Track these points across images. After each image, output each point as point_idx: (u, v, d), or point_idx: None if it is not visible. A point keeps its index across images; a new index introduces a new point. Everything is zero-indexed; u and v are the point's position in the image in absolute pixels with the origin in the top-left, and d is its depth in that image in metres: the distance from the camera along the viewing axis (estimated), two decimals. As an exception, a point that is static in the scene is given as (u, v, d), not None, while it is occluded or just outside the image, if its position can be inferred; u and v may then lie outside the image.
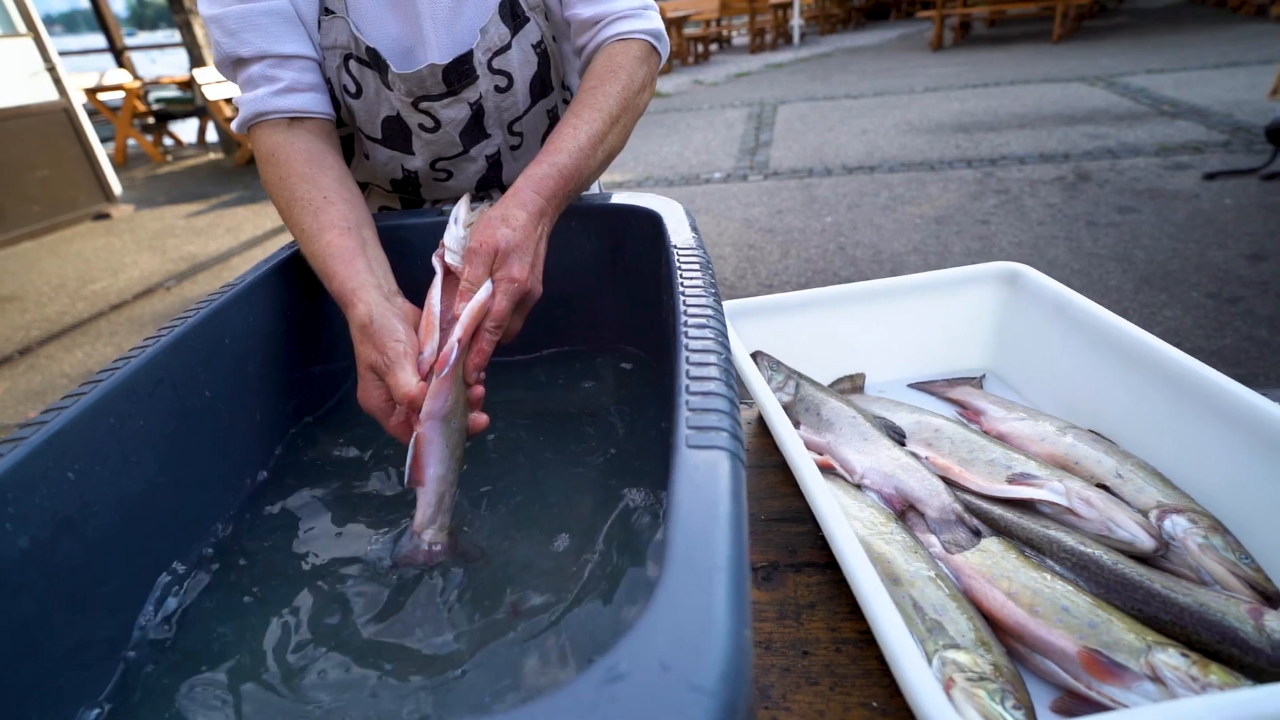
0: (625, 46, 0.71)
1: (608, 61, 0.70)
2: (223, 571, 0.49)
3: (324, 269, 0.55)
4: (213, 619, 0.46)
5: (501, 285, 0.53)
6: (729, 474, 0.31)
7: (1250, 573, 0.46)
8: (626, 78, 0.68)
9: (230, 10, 0.60)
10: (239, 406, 0.54)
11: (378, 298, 0.52)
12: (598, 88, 0.67)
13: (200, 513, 0.51)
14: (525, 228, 0.55)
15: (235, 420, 0.54)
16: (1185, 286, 2.53)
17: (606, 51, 0.71)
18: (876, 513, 0.55)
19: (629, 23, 0.72)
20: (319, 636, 0.45)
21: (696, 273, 0.51)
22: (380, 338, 0.50)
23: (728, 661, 0.23)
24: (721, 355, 0.41)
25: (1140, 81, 5.67)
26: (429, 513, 0.49)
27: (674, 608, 0.24)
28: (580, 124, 0.63)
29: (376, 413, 0.52)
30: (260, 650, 0.44)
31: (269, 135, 0.62)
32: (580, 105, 0.65)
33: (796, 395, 0.69)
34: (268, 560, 0.50)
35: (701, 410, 0.35)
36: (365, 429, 0.66)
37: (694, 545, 0.27)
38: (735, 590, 0.25)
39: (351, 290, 0.53)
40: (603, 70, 0.68)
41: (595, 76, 0.68)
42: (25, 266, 4.25)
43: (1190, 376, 0.53)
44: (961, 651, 0.42)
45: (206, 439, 0.51)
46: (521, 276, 0.54)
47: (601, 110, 0.64)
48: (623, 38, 0.71)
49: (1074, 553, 0.48)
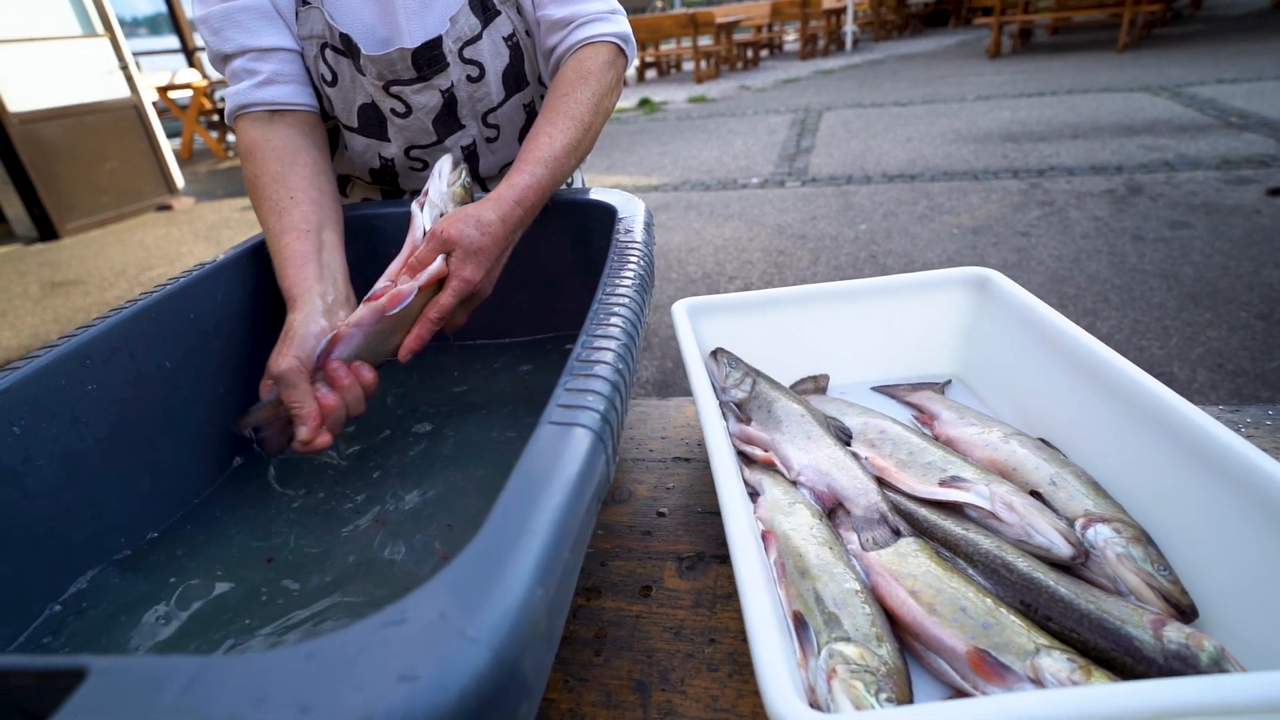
0: (595, 50, 0.73)
1: (578, 67, 0.72)
2: (173, 531, 0.53)
3: (278, 270, 0.59)
4: (145, 578, 0.49)
5: (454, 283, 0.56)
6: (580, 450, 0.32)
7: (1166, 585, 0.45)
8: (596, 84, 0.71)
9: (214, 10, 0.64)
10: (201, 379, 0.58)
11: (315, 308, 0.56)
12: (569, 94, 0.69)
13: (156, 476, 0.54)
14: (495, 235, 0.58)
15: (196, 391, 0.58)
16: (1234, 306, 2.42)
17: (576, 56, 0.73)
18: (805, 509, 0.55)
19: (598, 26, 0.74)
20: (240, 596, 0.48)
21: (628, 264, 0.52)
22: (285, 349, 0.54)
23: (504, 616, 0.24)
24: (620, 342, 0.42)
25: (1209, 92, 5.42)
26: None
27: (469, 565, 0.26)
28: (556, 133, 0.65)
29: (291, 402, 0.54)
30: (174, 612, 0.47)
31: (249, 130, 0.66)
32: (555, 112, 0.67)
33: (752, 392, 0.69)
34: (214, 525, 0.54)
35: (577, 390, 0.37)
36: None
37: (512, 511, 0.28)
38: (542, 555, 0.27)
39: (295, 297, 0.57)
40: (574, 76, 0.71)
41: (567, 83, 0.70)
42: (92, 253, 4.51)
43: (1133, 388, 0.52)
44: (851, 644, 0.42)
45: (164, 406, 0.54)
46: (474, 279, 0.57)
47: (575, 119, 0.67)
48: (592, 41, 0.73)
49: (988, 555, 0.48)
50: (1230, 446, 0.44)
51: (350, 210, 0.75)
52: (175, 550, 0.52)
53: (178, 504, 0.56)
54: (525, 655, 0.24)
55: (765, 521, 0.55)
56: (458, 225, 0.56)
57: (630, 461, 0.68)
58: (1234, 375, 2.06)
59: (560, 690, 0.46)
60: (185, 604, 0.46)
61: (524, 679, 0.25)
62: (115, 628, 0.45)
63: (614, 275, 0.50)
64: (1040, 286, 2.69)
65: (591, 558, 0.57)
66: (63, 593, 0.47)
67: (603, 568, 0.56)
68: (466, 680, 0.22)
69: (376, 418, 0.68)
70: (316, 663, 0.22)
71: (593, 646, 0.49)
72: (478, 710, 0.22)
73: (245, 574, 0.50)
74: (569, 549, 0.29)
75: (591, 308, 0.46)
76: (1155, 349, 2.23)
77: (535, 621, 0.25)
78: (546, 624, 0.26)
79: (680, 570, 0.55)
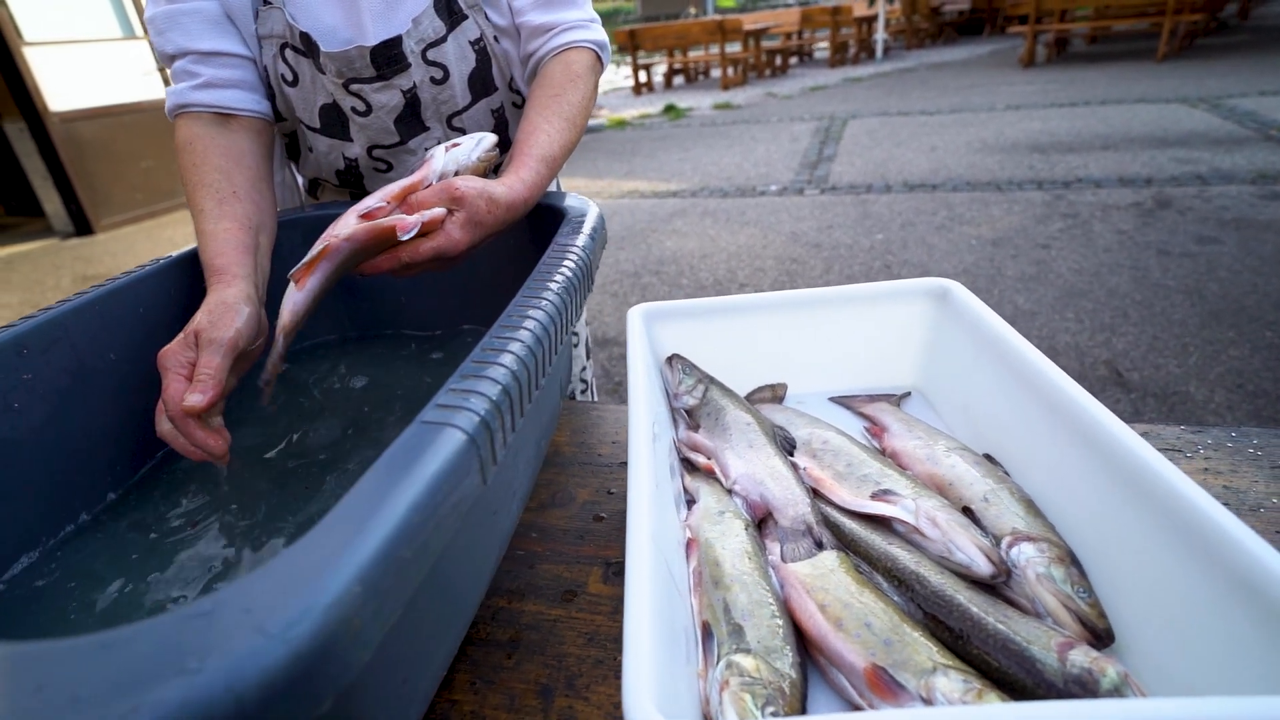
0: (579, 55, 0.75)
1: (566, 69, 0.73)
2: (110, 516, 0.54)
3: (211, 248, 0.59)
4: (73, 568, 0.50)
5: (441, 239, 0.55)
6: (446, 452, 0.32)
7: (1084, 607, 0.43)
8: (584, 86, 0.73)
9: (160, 11, 0.66)
10: (149, 371, 0.59)
11: (249, 290, 0.57)
12: (561, 95, 0.70)
13: (96, 465, 0.56)
14: (496, 218, 0.58)
15: (144, 383, 0.59)
16: (1259, 325, 2.34)
17: (563, 59, 0.74)
18: (735, 518, 0.55)
19: (580, 32, 0.75)
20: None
21: (558, 267, 0.52)
22: (228, 319, 0.54)
23: (307, 613, 0.24)
24: (525, 346, 0.42)
25: (1249, 104, 5.27)
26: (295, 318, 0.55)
27: (291, 560, 0.26)
28: (555, 132, 0.67)
29: (167, 369, 0.52)
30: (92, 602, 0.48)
31: (190, 126, 0.67)
32: (549, 111, 0.68)
33: (703, 399, 0.69)
34: (155, 512, 0.55)
35: (462, 390, 0.37)
36: (284, 411, 0.70)
37: (351, 509, 0.28)
38: (370, 554, 0.27)
39: (232, 275, 0.57)
40: (564, 77, 0.72)
41: (557, 83, 0.71)
42: (123, 248, 4.64)
43: (1070, 406, 0.50)
44: (750, 656, 0.42)
45: (108, 397, 0.56)
46: (460, 245, 0.56)
47: (569, 120, 0.69)
48: (574, 46, 0.75)
49: (905, 571, 0.47)
50: (1155, 469, 0.42)
51: (314, 210, 0.76)
52: (103, 535, 0.53)
53: (112, 488, 0.57)
54: (331, 653, 0.24)
55: (692, 529, 0.54)
56: (473, 189, 0.56)
57: (577, 465, 0.68)
58: (1254, 396, 1.99)
59: (466, 692, 0.46)
60: (99, 588, 0.47)
61: (330, 677, 0.25)
62: (30, 615, 0.46)
63: (540, 277, 0.50)
64: (1056, 300, 2.63)
65: (521, 560, 0.57)
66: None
67: (530, 570, 0.56)
68: (250, 676, 0.22)
69: (329, 413, 0.69)
70: (109, 653, 0.23)
71: (506, 649, 0.49)
72: (262, 707, 0.22)
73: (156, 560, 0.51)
74: (411, 549, 0.29)
75: (506, 308, 0.46)
76: (1173, 366, 2.16)
77: (347, 620, 0.25)
78: (365, 623, 0.26)
79: (606, 576, 0.55)
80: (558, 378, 0.61)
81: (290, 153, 0.82)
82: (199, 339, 0.53)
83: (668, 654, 0.39)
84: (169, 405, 0.52)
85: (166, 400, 0.52)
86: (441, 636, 0.40)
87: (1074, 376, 2.42)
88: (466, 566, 0.43)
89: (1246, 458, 0.58)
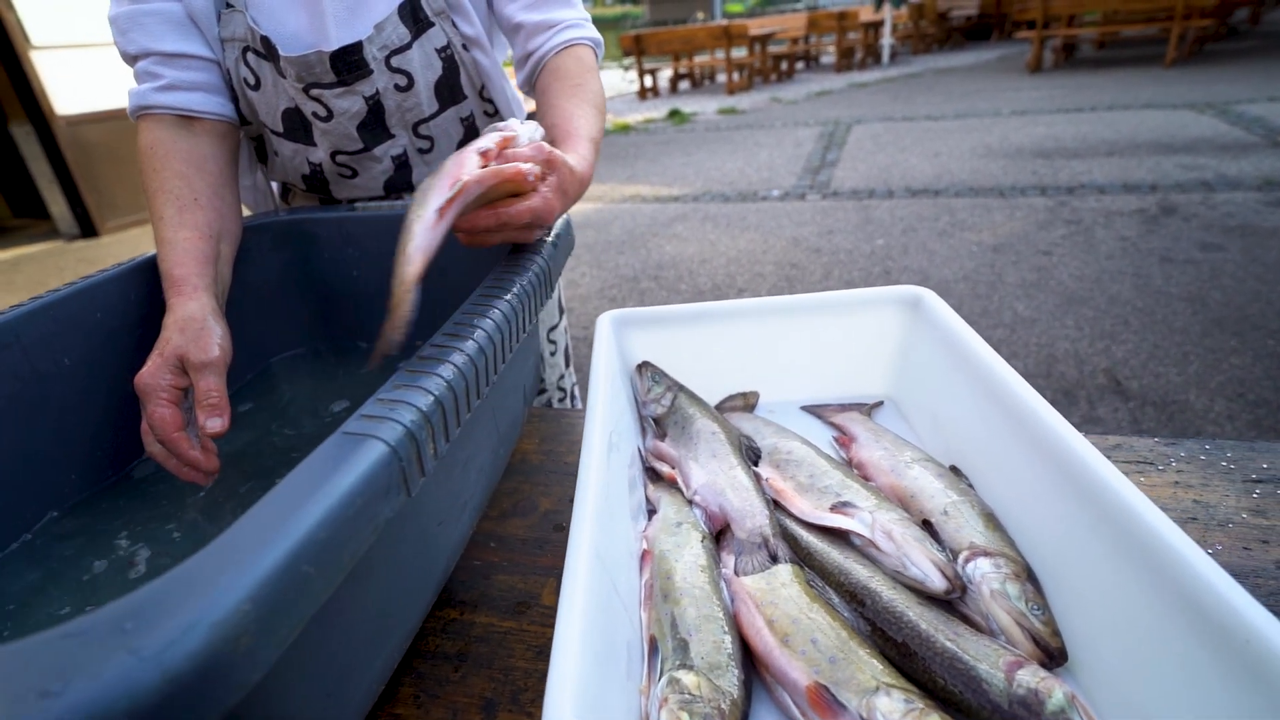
0: (585, 51, 0.76)
1: (578, 62, 0.74)
2: (54, 524, 0.54)
3: (172, 257, 0.58)
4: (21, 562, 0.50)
5: (537, 199, 0.51)
6: (363, 465, 0.31)
7: (1037, 625, 0.42)
8: (598, 79, 0.74)
9: (122, 11, 0.65)
10: (107, 376, 0.59)
11: (212, 304, 0.57)
12: (584, 85, 0.71)
13: (42, 470, 0.55)
14: (575, 187, 0.57)
15: (102, 388, 0.59)
16: (1262, 333, 2.32)
17: (573, 53, 0.75)
18: (692, 530, 0.54)
19: (580, 30, 0.76)
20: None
21: (511, 275, 0.52)
22: (208, 337, 0.54)
23: (185, 632, 0.23)
24: (465, 356, 0.41)
25: (1257, 110, 5.23)
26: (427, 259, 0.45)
27: (176, 579, 0.25)
28: (592, 117, 0.68)
29: (151, 394, 0.53)
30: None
31: (154, 130, 0.66)
32: (579, 99, 0.69)
33: (671, 407, 0.68)
34: (107, 519, 0.54)
35: (390, 401, 0.36)
36: (251, 425, 0.70)
37: (253, 523, 0.28)
38: (265, 570, 0.26)
39: (193, 287, 0.57)
40: (578, 68, 0.73)
41: (575, 74, 0.72)
42: (127, 250, 4.67)
43: (1031, 418, 0.49)
44: (691, 673, 0.41)
45: (62, 402, 0.55)
46: (554, 206, 0.52)
47: (597, 107, 0.70)
48: (579, 43, 0.76)
49: (858, 585, 0.46)
50: (1111, 486, 0.41)
51: (286, 215, 0.76)
52: (51, 542, 0.53)
53: (62, 499, 0.57)
54: (214, 674, 0.24)
55: (649, 541, 0.54)
56: (564, 158, 0.54)
57: (543, 474, 0.67)
58: (1254, 406, 1.96)
59: (409, 705, 0.45)
60: (48, 607, 0.47)
61: (212, 699, 0.24)
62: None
63: (491, 285, 0.49)
64: (1056, 307, 2.61)
65: (477, 571, 0.56)
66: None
67: (485, 581, 0.55)
68: (117, 700, 0.21)
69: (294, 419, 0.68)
70: (-26, 672, 0.22)
71: (453, 662, 0.48)
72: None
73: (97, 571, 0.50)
74: (315, 565, 0.28)
75: (452, 316, 0.45)
76: (1173, 375, 2.14)
77: (234, 639, 0.24)
78: (256, 641, 0.25)
79: (556, 589, 0.54)
80: (519, 385, 0.61)
81: (260, 155, 0.82)
82: (187, 362, 0.54)
83: (601, 668, 0.38)
84: (162, 429, 0.52)
85: (156, 424, 0.53)
86: (375, 650, 0.39)
87: (1072, 385, 2.36)
88: (404, 579, 0.42)
89: (1219, 471, 0.57)
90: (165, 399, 0.53)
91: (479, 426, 0.50)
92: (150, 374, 0.53)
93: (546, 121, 0.68)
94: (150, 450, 0.54)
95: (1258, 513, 0.52)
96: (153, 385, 0.53)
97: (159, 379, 0.53)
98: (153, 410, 0.53)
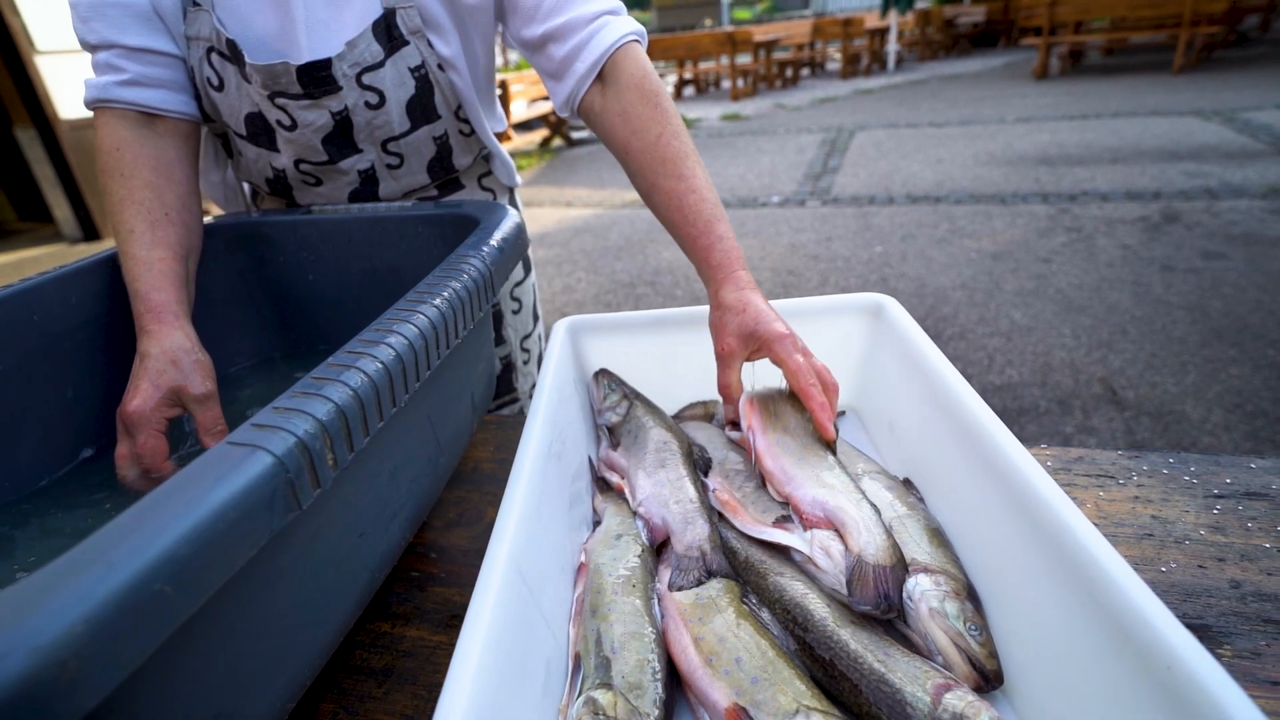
0: (637, 58, 0.66)
1: (640, 90, 0.64)
2: None
3: (149, 279, 0.58)
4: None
5: (795, 367, 0.56)
6: (245, 478, 0.30)
7: (974, 647, 0.41)
8: (670, 103, 0.64)
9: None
10: (44, 381, 0.58)
11: (192, 331, 0.57)
12: (679, 132, 0.63)
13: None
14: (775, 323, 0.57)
15: (39, 393, 0.58)
16: (1262, 343, 2.28)
17: (626, 72, 0.65)
18: (632, 542, 0.52)
19: (621, 23, 0.67)
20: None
21: (446, 280, 0.50)
22: (204, 370, 0.56)
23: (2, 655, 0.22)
24: (379, 365, 0.40)
25: (1265, 117, 5.18)
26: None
27: (12, 595, 0.24)
28: (710, 187, 0.62)
29: (144, 425, 0.54)
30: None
31: (117, 128, 0.64)
32: (690, 160, 0.62)
33: (626, 416, 0.67)
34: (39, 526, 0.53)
35: (286, 410, 0.35)
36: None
37: (101, 540, 0.26)
38: (109, 590, 0.24)
39: (174, 314, 0.57)
40: (656, 89, 0.64)
41: (662, 112, 0.63)
42: (131, 254, 4.70)
43: (979, 432, 0.48)
44: (608, 692, 0.40)
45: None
46: (805, 354, 0.57)
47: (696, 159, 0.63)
48: (625, 43, 0.66)
49: (791, 603, 0.44)
50: (1051, 505, 0.39)
51: (241, 218, 0.75)
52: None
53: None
54: (34, 702, 0.22)
55: (587, 553, 0.52)
56: (775, 327, 0.56)
57: (494, 482, 0.66)
58: (1252, 416, 1.93)
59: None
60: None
61: (35, 724, 0.23)
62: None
63: (420, 290, 0.48)
64: (1054, 316, 2.58)
65: (413, 582, 0.55)
66: None
67: (420, 593, 0.54)
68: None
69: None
70: None
71: (378, 677, 0.47)
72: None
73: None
74: (173, 583, 0.27)
75: (372, 323, 0.44)
76: (1169, 385, 2.11)
77: (59, 663, 0.23)
78: (89, 666, 0.24)
79: (495, 600, 0.53)
80: (464, 393, 0.59)
81: (227, 151, 0.80)
82: (185, 395, 0.56)
83: (507, 687, 0.36)
84: (153, 460, 0.54)
85: (147, 454, 0.54)
86: (276, 668, 0.38)
87: (1067, 394, 2.33)
88: (315, 593, 0.40)
89: (1180, 486, 0.55)
90: (157, 430, 0.55)
91: (409, 435, 0.49)
92: (144, 405, 0.54)
93: (684, 212, 0.60)
94: (125, 477, 0.55)
95: (1216, 529, 0.50)
96: (147, 417, 0.54)
97: (156, 411, 0.55)
98: (144, 441, 0.54)
